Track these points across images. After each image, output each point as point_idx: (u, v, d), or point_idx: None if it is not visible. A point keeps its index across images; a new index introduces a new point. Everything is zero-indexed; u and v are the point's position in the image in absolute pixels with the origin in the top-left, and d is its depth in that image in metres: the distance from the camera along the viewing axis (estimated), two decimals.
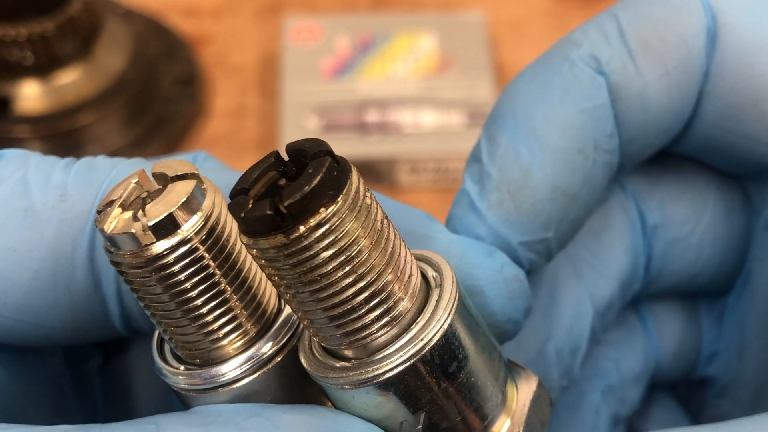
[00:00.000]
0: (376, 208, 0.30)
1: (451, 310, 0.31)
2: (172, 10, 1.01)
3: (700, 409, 0.48)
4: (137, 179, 0.31)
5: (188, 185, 0.31)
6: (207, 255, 0.31)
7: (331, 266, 0.29)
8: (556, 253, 0.39)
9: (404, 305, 0.31)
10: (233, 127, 0.93)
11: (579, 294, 0.42)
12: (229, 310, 0.32)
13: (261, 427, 0.31)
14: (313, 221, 0.28)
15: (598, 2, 1.03)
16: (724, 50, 0.38)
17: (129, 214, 0.30)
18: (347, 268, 0.29)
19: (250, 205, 0.28)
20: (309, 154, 0.29)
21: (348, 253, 0.29)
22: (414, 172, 0.88)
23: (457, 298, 0.32)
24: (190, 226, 0.30)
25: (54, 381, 0.40)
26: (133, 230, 0.30)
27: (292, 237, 0.28)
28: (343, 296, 0.30)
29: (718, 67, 0.38)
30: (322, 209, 0.28)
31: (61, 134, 0.86)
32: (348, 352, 0.31)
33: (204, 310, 0.32)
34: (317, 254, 0.28)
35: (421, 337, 0.31)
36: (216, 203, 0.31)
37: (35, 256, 0.36)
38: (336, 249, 0.28)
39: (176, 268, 0.31)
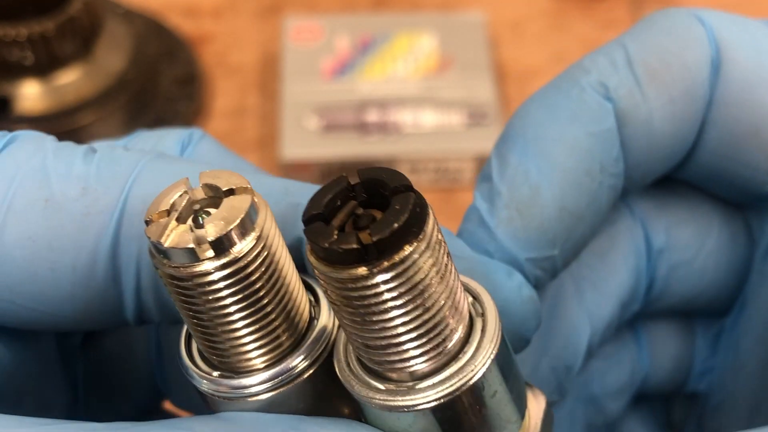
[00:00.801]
0: (443, 241, 0.31)
1: (496, 342, 0.32)
2: (172, 10, 1.02)
3: (684, 423, 0.49)
4: (184, 188, 0.31)
5: (245, 202, 0.30)
6: (255, 273, 0.31)
7: (403, 300, 0.30)
8: (560, 271, 0.40)
9: (456, 336, 0.31)
10: (233, 127, 0.93)
11: (578, 313, 0.43)
12: (266, 325, 0.32)
13: None
14: (397, 258, 0.29)
15: (598, 2, 1.03)
16: (727, 81, 0.40)
17: (184, 227, 0.30)
18: (417, 302, 0.30)
19: (335, 236, 0.28)
20: (389, 187, 0.29)
21: (420, 288, 0.30)
22: (414, 172, 0.88)
23: (500, 329, 0.32)
24: (245, 245, 0.30)
25: (44, 356, 0.40)
26: (191, 245, 0.30)
27: (374, 271, 0.29)
28: (406, 328, 0.30)
29: (721, 97, 0.40)
30: (407, 246, 0.29)
31: (61, 134, 0.84)
32: (392, 375, 0.32)
33: (240, 324, 0.32)
34: (393, 289, 0.29)
35: (471, 368, 0.31)
36: (267, 220, 0.31)
37: (55, 248, 0.35)
38: (411, 285, 0.29)
39: (223, 284, 0.31)
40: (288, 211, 0.36)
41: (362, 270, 0.29)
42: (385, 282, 0.29)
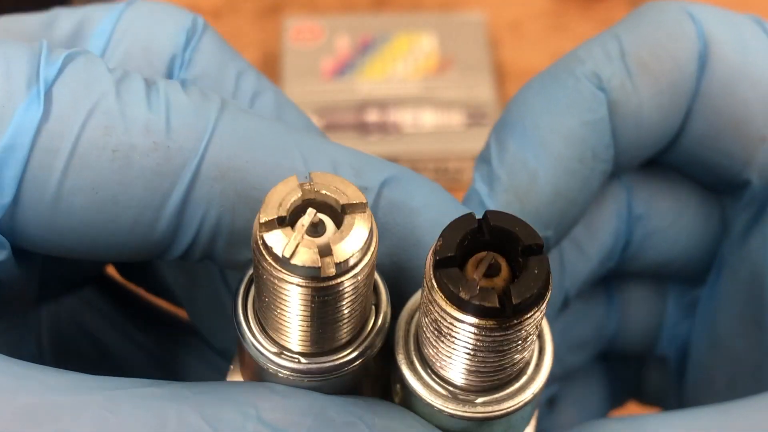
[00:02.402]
0: None
1: (552, 360, 0.35)
2: None
3: (662, 397, 0.52)
4: (299, 191, 0.31)
5: (366, 224, 0.31)
6: (359, 288, 0.32)
7: (508, 347, 0.32)
8: (552, 249, 0.42)
9: (524, 361, 0.34)
10: None
11: (559, 268, 0.45)
12: (345, 323, 0.33)
13: (355, 428, 0.33)
14: (524, 317, 0.31)
15: (598, 2, 1.03)
16: (713, 75, 0.42)
17: (309, 242, 0.31)
18: (517, 347, 0.32)
19: (478, 291, 0.30)
20: (523, 244, 0.31)
21: (525, 336, 0.32)
22: None
23: (553, 347, 0.35)
24: (362, 266, 0.31)
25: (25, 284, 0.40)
26: (319, 266, 0.30)
27: (504, 326, 0.31)
28: (496, 362, 0.32)
29: (706, 90, 0.42)
30: (536, 307, 0.31)
31: None
32: (458, 383, 0.34)
33: (319, 321, 0.33)
34: (506, 337, 0.31)
35: (531, 390, 0.34)
36: (376, 235, 0.32)
37: (119, 202, 0.34)
38: (522, 335, 0.31)
39: (328, 296, 0.32)
40: None
41: (491, 323, 0.31)
42: (504, 334, 0.31)
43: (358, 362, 0.34)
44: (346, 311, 0.33)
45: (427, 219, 0.35)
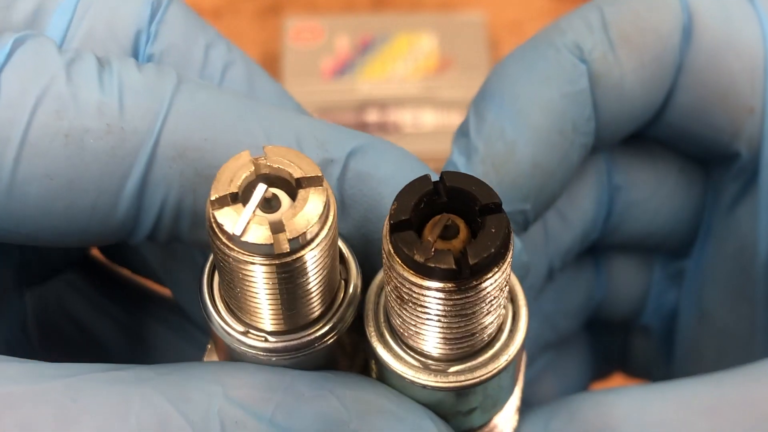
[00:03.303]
0: None
1: (527, 326, 0.34)
2: None
3: (651, 369, 0.52)
4: (251, 167, 0.31)
5: (321, 198, 0.30)
6: (317, 263, 0.31)
7: (471, 309, 0.31)
8: (532, 223, 0.41)
9: (494, 328, 0.33)
10: None
11: (542, 236, 0.45)
12: (310, 299, 0.32)
13: (326, 400, 0.32)
14: (485, 277, 0.30)
15: None
16: (697, 47, 0.41)
17: (260, 218, 0.30)
18: (482, 309, 0.31)
19: (432, 253, 0.29)
20: (480, 203, 0.30)
21: (489, 299, 0.31)
22: None
23: (528, 317, 0.34)
24: (318, 240, 0.30)
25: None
26: (271, 242, 0.29)
27: (463, 287, 0.30)
28: (462, 327, 0.31)
29: (690, 63, 0.41)
30: (495, 267, 0.30)
31: None
32: (425, 350, 0.33)
33: (284, 298, 0.32)
34: (467, 299, 0.30)
35: (504, 357, 0.33)
36: (333, 208, 0.31)
37: (75, 188, 0.33)
38: (483, 296, 0.30)
39: (285, 273, 0.31)
40: (322, 166, 0.35)
41: (450, 285, 0.30)
42: (465, 296, 0.30)
43: (329, 337, 0.33)
44: (310, 287, 0.31)
45: (395, 188, 0.33)
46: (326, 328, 0.33)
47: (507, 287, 0.32)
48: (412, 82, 0.93)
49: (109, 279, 0.49)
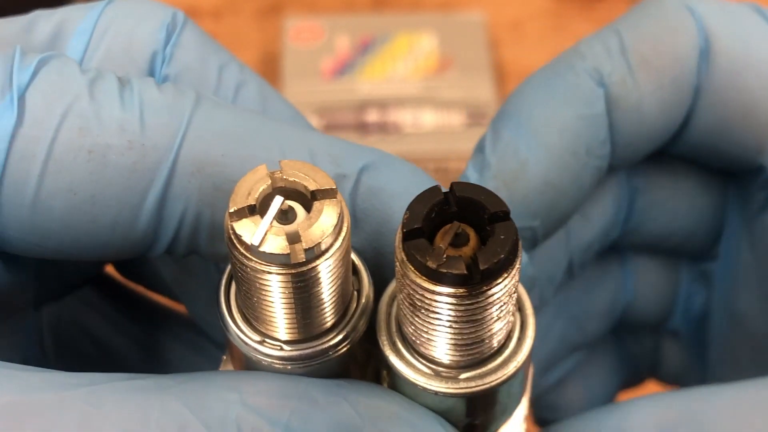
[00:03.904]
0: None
1: (532, 339, 0.35)
2: None
3: (682, 374, 0.52)
4: (268, 180, 0.32)
5: (335, 210, 0.32)
6: (332, 272, 0.32)
7: (481, 315, 0.32)
8: (541, 242, 0.42)
9: (502, 335, 0.34)
10: None
11: (564, 237, 0.46)
12: (324, 308, 0.33)
13: (340, 407, 0.33)
14: (494, 283, 0.31)
15: (598, 2, 1.03)
16: (715, 68, 0.42)
17: (277, 229, 0.31)
18: (492, 315, 0.32)
19: (444, 259, 0.30)
20: (489, 212, 0.31)
21: (498, 304, 0.32)
22: None
23: (535, 326, 0.35)
24: (333, 251, 0.32)
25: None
26: (288, 252, 0.31)
27: (474, 293, 0.31)
28: (472, 333, 0.32)
29: (709, 84, 0.42)
30: (505, 273, 0.31)
31: None
32: (435, 357, 0.34)
33: (298, 307, 0.33)
34: (478, 305, 0.31)
35: (512, 364, 0.34)
36: (347, 220, 0.32)
37: (97, 202, 0.34)
38: (493, 302, 0.32)
39: (300, 282, 0.32)
40: (335, 181, 0.35)
41: (461, 291, 0.31)
42: (476, 301, 0.31)
43: (342, 346, 0.34)
44: (324, 296, 0.33)
45: (405, 203, 0.34)
46: (339, 337, 0.34)
47: (516, 294, 0.33)
48: (412, 82, 0.93)
49: (124, 295, 0.51)
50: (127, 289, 0.51)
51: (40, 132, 0.33)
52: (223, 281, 0.35)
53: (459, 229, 0.31)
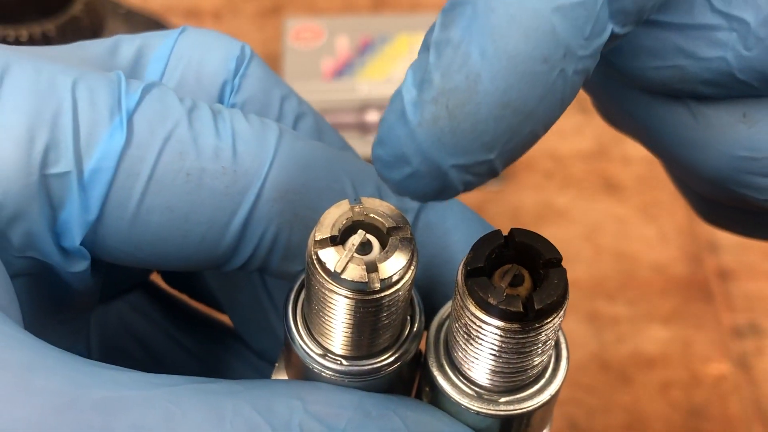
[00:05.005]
0: None
1: (567, 368, 0.38)
2: (174, 10, 1.02)
3: None
4: (349, 213, 0.36)
5: (409, 245, 0.36)
6: (399, 300, 0.36)
7: (532, 348, 0.36)
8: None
9: (542, 365, 0.38)
10: None
11: None
12: (386, 331, 0.37)
13: (390, 420, 0.36)
14: (545, 321, 0.35)
15: None
16: None
17: (358, 259, 0.35)
18: (537, 349, 0.36)
19: (504, 297, 0.34)
20: (543, 257, 0.35)
21: (544, 339, 0.36)
22: None
23: (569, 355, 0.39)
24: (403, 282, 0.36)
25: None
26: (366, 281, 0.35)
27: (526, 329, 0.34)
28: (519, 363, 0.36)
29: None
30: (554, 313, 0.35)
31: None
32: (484, 384, 0.37)
33: (364, 330, 0.36)
34: (528, 340, 0.35)
35: (548, 391, 0.38)
36: (416, 257, 0.36)
37: (190, 220, 0.37)
38: (541, 338, 0.35)
39: (372, 307, 0.35)
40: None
41: (516, 326, 0.34)
42: (526, 336, 0.35)
43: (395, 366, 0.38)
44: (386, 321, 0.36)
45: (458, 239, 0.38)
46: (393, 357, 0.38)
47: (559, 332, 0.38)
48: None
49: (169, 302, 0.54)
50: (172, 296, 0.54)
51: (145, 154, 0.36)
52: (291, 297, 0.38)
53: (517, 270, 0.35)
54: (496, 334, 0.35)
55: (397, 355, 0.38)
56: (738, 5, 0.35)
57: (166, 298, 0.54)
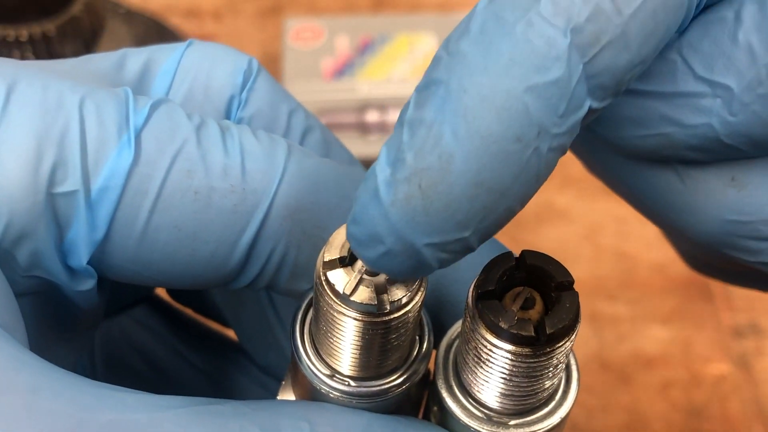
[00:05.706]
0: None
1: (577, 390, 0.38)
2: (174, 10, 1.02)
3: None
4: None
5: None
6: (408, 321, 0.36)
7: (542, 372, 0.35)
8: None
9: (552, 388, 0.37)
10: None
11: None
12: (394, 353, 0.37)
13: None
14: (557, 345, 0.34)
15: None
16: None
17: (368, 282, 0.34)
18: (548, 373, 0.35)
19: (515, 321, 0.33)
20: (555, 280, 0.34)
21: (555, 363, 0.35)
22: None
23: (579, 378, 0.38)
24: (413, 304, 0.35)
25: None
26: (375, 303, 0.34)
27: (537, 353, 0.34)
28: (528, 386, 0.35)
29: None
30: (566, 337, 0.34)
31: None
32: (493, 406, 0.37)
33: (372, 351, 0.36)
34: (538, 364, 0.34)
35: (558, 414, 0.37)
36: (425, 280, 0.36)
37: (198, 238, 0.37)
38: (553, 362, 0.35)
39: (381, 329, 0.35)
40: None
41: (527, 350, 0.34)
42: (537, 360, 0.34)
43: (403, 387, 0.37)
44: (395, 342, 0.36)
45: (467, 260, 0.35)
46: (402, 378, 0.37)
47: (569, 356, 0.37)
48: (412, 83, 0.93)
49: (174, 316, 0.54)
50: (177, 311, 0.54)
51: (153, 171, 0.36)
52: (299, 316, 0.38)
53: (528, 293, 0.34)
54: (506, 357, 0.34)
55: (405, 376, 0.37)
56: (720, 72, 0.36)
57: (170, 313, 0.54)
